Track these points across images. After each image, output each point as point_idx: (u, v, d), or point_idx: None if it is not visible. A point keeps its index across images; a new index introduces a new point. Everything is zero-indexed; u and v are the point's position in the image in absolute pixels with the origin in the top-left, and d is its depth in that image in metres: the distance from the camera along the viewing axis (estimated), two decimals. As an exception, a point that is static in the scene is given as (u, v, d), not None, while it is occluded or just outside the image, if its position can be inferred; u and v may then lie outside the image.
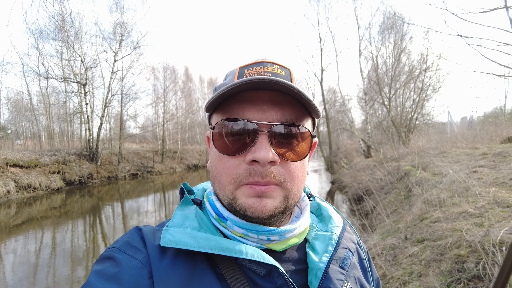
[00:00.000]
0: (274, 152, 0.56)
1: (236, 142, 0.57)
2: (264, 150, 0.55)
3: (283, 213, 0.60)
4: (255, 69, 0.60)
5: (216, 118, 0.63)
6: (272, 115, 0.57)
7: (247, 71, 0.61)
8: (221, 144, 0.59)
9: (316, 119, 0.67)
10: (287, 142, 0.58)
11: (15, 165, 15.57)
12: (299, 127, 0.59)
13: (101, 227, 10.51)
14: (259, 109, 0.57)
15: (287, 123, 0.58)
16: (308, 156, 0.64)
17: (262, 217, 0.57)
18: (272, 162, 0.56)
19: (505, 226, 3.03)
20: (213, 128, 0.61)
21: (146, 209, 13.16)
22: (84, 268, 6.59)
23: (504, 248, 2.67)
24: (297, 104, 0.59)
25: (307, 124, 0.62)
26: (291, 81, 0.60)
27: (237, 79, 0.60)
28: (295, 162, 0.60)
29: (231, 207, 0.59)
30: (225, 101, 0.60)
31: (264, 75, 0.58)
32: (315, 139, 0.70)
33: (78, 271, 6.47)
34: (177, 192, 0.81)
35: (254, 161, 0.56)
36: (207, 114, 0.69)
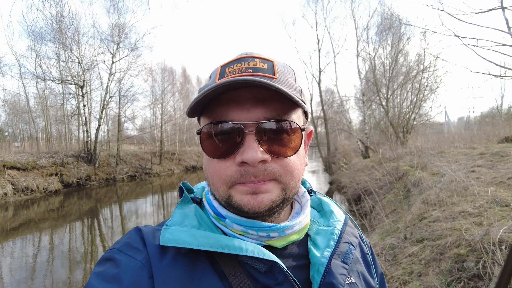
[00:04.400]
0: (262, 150, 0.55)
1: (223, 145, 0.56)
2: (252, 151, 0.53)
3: (282, 205, 0.59)
4: (236, 66, 0.59)
5: (203, 122, 0.62)
6: (257, 113, 0.56)
7: (228, 69, 0.59)
8: (209, 148, 0.58)
9: (310, 106, 0.66)
10: (276, 138, 0.57)
11: (12, 168, 15.49)
12: (287, 121, 0.58)
13: (99, 229, 10.47)
14: (243, 108, 0.56)
15: (273, 119, 0.57)
16: (302, 147, 0.63)
17: (260, 212, 0.56)
18: (263, 161, 0.55)
19: (504, 225, 3.04)
20: (199, 132, 0.60)
21: (144, 211, 13.12)
22: (82, 271, 6.55)
23: (504, 247, 2.68)
24: (282, 98, 0.57)
25: (296, 116, 0.61)
26: (274, 73, 0.58)
27: (218, 79, 0.58)
28: (289, 157, 0.58)
29: (228, 205, 0.59)
30: (209, 104, 0.58)
31: (246, 72, 0.57)
32: (310, 128, 0.69)
33: (76, 273, 6.43)
34: (175, 193, 0.80)
35: (244, 162, 0.55)
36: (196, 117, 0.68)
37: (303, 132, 0.61)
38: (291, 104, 0.59)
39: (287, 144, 0.58)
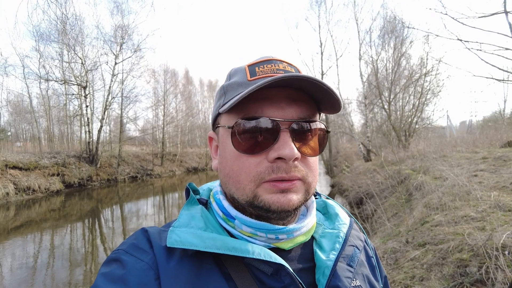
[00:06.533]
0: (297, 148, 0.57)
1: (257, 141, 0.57)
2: (289, 147, 0.55)
3: (301, 206, 0.61)
4: (266, 66, 0.61)
5: (228, 118, 0.61)
6: (291, 112, 0.58)
7: (258, 69, 0.61)
8: (240, 143, 0.58)
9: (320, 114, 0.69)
10: (306, 138, 0.59)
11: (14, 167, 15.55)
12: (316, 122, 0.61)
13: (100, 230, 10.47)
14: (278, 106, 0.58)
15: (306, 119, 0.59)
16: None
17: (288, 210, 0.57)
18: (295, 159, 0.57)
19: (507, 230, 3.02)
20: (231, 127, 0.59)
21: (145, 212, 13.12)
22: (83, 271, 6.55)
23: (507, 252, 2.66)
24: (310, 100, 0.61)
25: (319, 119, 0.64)
26: None
27: (250, 77, 0.60)
28: (313, 157, 0.61)
29: (250, 205, 0.58)
30: (240, 101, 0.58)
31: (278, 73, 0.60)
32: None
33: (77, 274, 6.43)
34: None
35: (278, 158, 0.56)
36: (212, 114, 0.68)
37: (328, 135, 0.64)
38: (315, 107, 0.62)
39: (314, 144, 0.61)
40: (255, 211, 0.59)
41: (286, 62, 0.62)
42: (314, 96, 0.60)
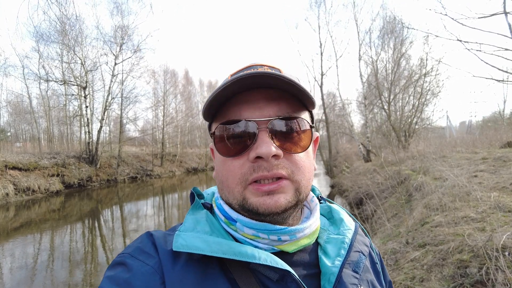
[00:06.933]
0: (276, 145, 0.56)
1: (237, 143, 0.58)
2: (266, 145, 0.55)
3: (296, 207, 0.60)
4: (245, 72, 0.61)
5: (215, 125, 0.63)
6: (269, 111, 0.58)
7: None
8: (223, 148, 0.59)
9: (313, 113, 0.69)
10: (287, 135, 0.59)
11: (14, 168, 15.54)
12: (297, 119, 0.60)
13: (100, 230, 10.46)
14: (256, 107, 0.58)
15: (285, 116, 0.59)
16: (311, 148, 0.65)
17: (276, 212, 0.56)
18: (276, 156, 0.56)
19: (508, 230, 3.02)
20: (213, 133, 0.61)
21: (145, 213, 13.11)
22: (83, 272, 6.54)
23: (507, 253, 2.66)
24: (292, 98, 0.61)
25: (304, 116, 0.63)
26: None
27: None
28: (299, 154, 0.60)
29: (242, 209, 0.59)
30: (222, 107, 0.60)
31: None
32: (317, 134, 0.70)
33: (77, 275, 6.42)
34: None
35: (258, 157, 0.56)
36: (207, 123, 0.69)
37: (312, 130, 0.63)
38: (299, 105, 0.62)
39: (298, 141, 0.60)
40: (248, 215, 0.59)
41: (267, 66, 0.62)
42: (295, 94, 0.60)
